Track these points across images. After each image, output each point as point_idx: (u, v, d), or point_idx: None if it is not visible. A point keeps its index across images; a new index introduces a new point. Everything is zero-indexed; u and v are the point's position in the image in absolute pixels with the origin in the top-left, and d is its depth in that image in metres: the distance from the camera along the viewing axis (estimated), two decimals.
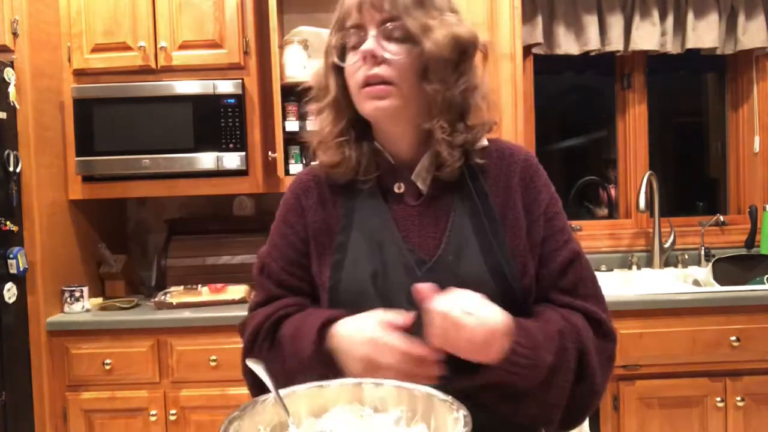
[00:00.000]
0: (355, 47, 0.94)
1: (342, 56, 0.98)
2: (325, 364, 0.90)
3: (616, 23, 2.73)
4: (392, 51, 0.92)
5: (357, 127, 1.00)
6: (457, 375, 0.85)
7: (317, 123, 1.03)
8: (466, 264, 0.93)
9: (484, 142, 1.01)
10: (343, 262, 0.97)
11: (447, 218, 0.97)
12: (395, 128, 0.99)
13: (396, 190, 1.00)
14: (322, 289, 0.99)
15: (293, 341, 0.95)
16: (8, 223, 2.11)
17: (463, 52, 0.94)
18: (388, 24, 0.92)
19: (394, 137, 1.00)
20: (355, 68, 0.94)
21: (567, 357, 0.90)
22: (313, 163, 1.08)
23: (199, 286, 2.42)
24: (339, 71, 0.98)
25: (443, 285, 0.86)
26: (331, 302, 0.97)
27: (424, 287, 0.84)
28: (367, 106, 0.94)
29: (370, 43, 0.92)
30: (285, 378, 0.86)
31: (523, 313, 0.92)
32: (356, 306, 0.93)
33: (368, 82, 0.93)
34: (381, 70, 0.92)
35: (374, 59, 0.92)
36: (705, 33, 2.73)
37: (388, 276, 0.94)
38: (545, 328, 0.90)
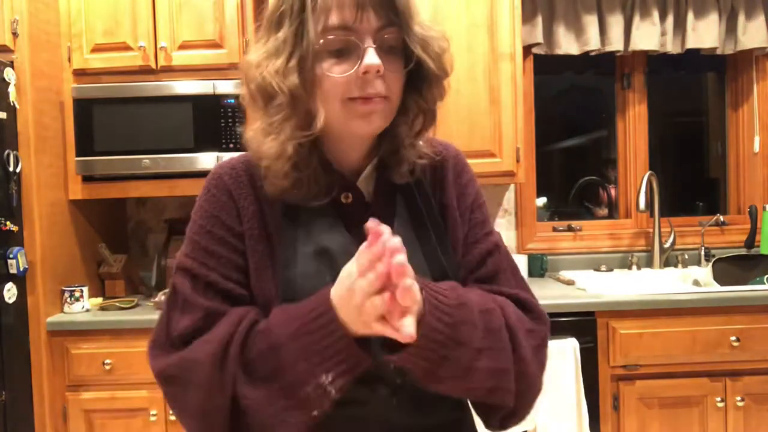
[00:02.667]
0: (341, 53, 0.81)
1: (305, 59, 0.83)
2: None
3: (616, 23, 2.73)
4: (391, 68, 0.83)
5: (306, 139, 0.86)
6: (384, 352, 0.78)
7: (269, 137, 0.86)
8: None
9: (420, 143, 0.95)
10: (294, 280, 0.86)
11: (391, 226, 0.81)
12: (360, 142, 0.91)
13: (343, 200, 0.91)
14: (265, 307, 0.85)
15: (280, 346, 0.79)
16: (8, 223, 2.10)
17: (450, 65, 0.89)
18: (389, 36, 0.82)
19: (348, 149, 0.91)
20: (343, 80, 0.81)
21: (498, 340, 0.83)
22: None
23: None
24: (304, 77, 0.83)
25: None
26: None
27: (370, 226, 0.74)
28: (360, 124, 0.84)
29: (374, 58, 0.80)
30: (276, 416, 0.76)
31: None
32: None
33: (364, 98, 0.82)
34: (380, 86, 0.82)
35: (377, 75, 0.81)
36: (705, 33, 2.73)
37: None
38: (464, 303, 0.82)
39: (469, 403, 0.95)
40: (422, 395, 0.86)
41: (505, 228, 2.88)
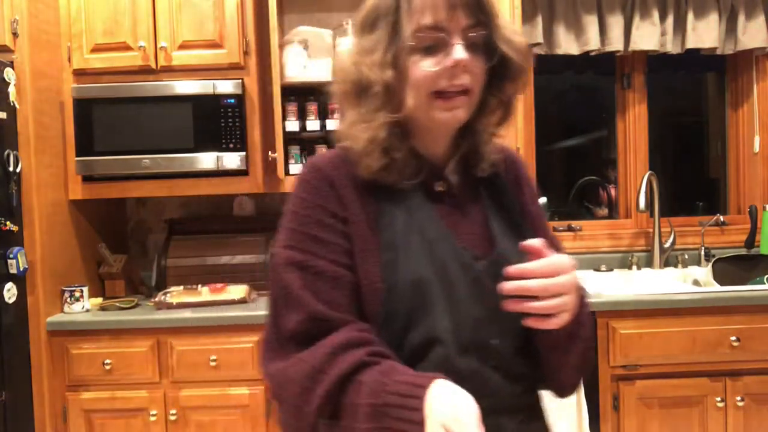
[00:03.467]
0: (431, 50, 0.88)
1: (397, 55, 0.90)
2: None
3: (616, 23, 2.73)
4: (476, 63, 0.90)
5: (399, 127, 0.93)
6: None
7: (361, 126, 0.92)
8: (517, 256, 0.89)
9: None
10: (396, 261, 0.89)
11: (482, 214, 0.98)
12: (446, 133, 0.97)
13: (438, 189, 0.97)
14: (369, 290, 0.89)
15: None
16: (8, 223, 2.10)
17: (530, 60, 0.97)
18: (474, 31, 0.88)
19: (435, 138, 0.97)
20: (434, 73, 0.88)
21: (587, 310, 0.99)
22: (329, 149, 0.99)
23: (199, 286, 2.42)
24: (399, 70, 0.90)
25: (500, 279, 0.84)
26: (385, 304, 0.88)
27: (533, 243, 0.86)
28: (445, 115, 0.91)
29: (461, 52, 0.87)
30: None
31: None
32: (417, 305, 0.88)
33: (450, 91, 0.89)
34: (465, 79, 0.89)
35: (464, 69, 0.88)
36: (705, 33, 2.73)
37: (448, 274, 0.90)
38: None
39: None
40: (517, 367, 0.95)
41: None
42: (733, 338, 2.19)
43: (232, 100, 2.39)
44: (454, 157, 0.99)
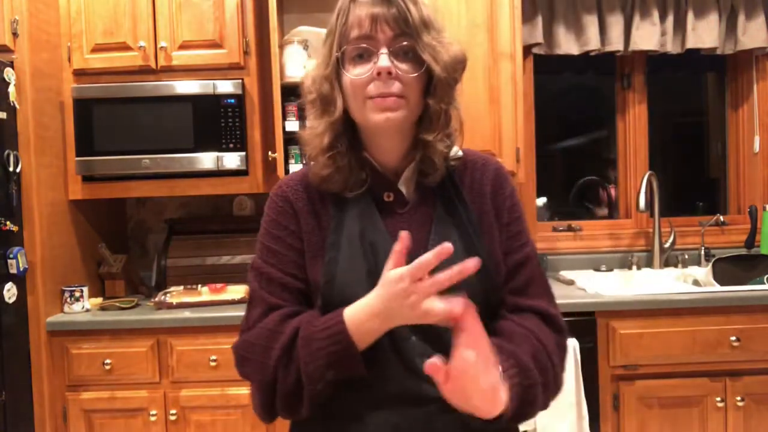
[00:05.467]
0: (361, 58, 0.98)
1: (339, 66, 1.01)
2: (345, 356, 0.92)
3: (616, 23, 2.73)
4: (404, 70, 0.97)
5: (347, 138, 1.03)
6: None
7: (310, 132, 1.05)
8: (450, 264, 0.90)
9: (459, 153, 1.09)
10: (336, 259, 1.00)
11: (431, 223, 1.03)
12: (390, 140, 1.04)
13: (385, 199, 1.05)
14: (315, 288, 1.01)
15: (309, 340, 0.95)
16: (8, 223, 2.11)
17: (461, 72, 1.03)
18: (400, 44, 0.97)
19: (385, 148, 1.05)
20: (364, 81, 0.98)
21: (547, 374, 0.99)
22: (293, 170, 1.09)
23: (199, 286, 2.42)
24: (339, 81, 1.01)
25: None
26: (324, 299, 0.99)
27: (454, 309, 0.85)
28: (377, 117, 0.98)
29: (385, 61, 0.96)
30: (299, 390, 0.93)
31: (497, 309, 1.03)
32: (348, 299, 0.95)
33: (379, 96, 0.97)
34: (394, 87, 0.97)
35: (388, 76, 0.96)
36: (705, 33, 2.73)
37: (378, 272, 0.94)
38: (522, 352, 0.96)
39: None
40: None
41: None
42: (733, 338, 2.19)
43: (232, 100, 2.39)
44: (409, 168, 1.05)
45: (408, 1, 0.98)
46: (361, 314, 0.92)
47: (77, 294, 2.34)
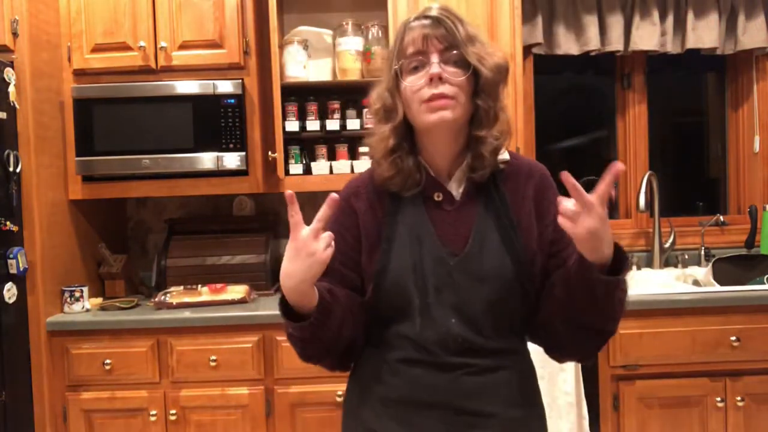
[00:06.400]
0: (417, 69, 1.13)
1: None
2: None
3: (616, 23, 2.73)
4: (452, 73, 1.12)
5: (407, 143, 1.18)
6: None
7: (377, 137, 1.20)
8: (488, 255, 1.14)
9: (506, 156, 1.21)
10: (390, 251, 1.16)
11: (474, 219, 1.17)
12: (444, 139, 1.17)
13: (435, 198, 1.19)
14: (368, 278, 1.17)
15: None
16: (8, 223, 2.11)
17: (504, 76, 1.17)
18: (450, 52, 1.12)
19: (439, 150, 1.19)
20: (418, 87, 1.12)
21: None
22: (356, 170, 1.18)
23: (199, 286, 2.42)
24: (399, 92, 1.17)
25: (470, 273, 1.12)
26: (376, 286, 1.15)
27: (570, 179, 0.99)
28: (432, 117, 1.12)
29: (436, 68, 1.11)
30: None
31: (532, 296, 1.15)
32: (397, 289, 1.13)
33: (432, 98, 1.11)
34: (445, 89, 1.11)
35: (439, 80, 1.11)
36: (705, 33, 2.73)
37: (423, 265, 1.14)
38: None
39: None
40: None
41: None
42: (733, 338, 2.19)
43: (232, 100, 2.39)
44: (460, 169, 1.19)
45: (455, 21, 1.13)
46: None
47: (77, 294, 2.34)
